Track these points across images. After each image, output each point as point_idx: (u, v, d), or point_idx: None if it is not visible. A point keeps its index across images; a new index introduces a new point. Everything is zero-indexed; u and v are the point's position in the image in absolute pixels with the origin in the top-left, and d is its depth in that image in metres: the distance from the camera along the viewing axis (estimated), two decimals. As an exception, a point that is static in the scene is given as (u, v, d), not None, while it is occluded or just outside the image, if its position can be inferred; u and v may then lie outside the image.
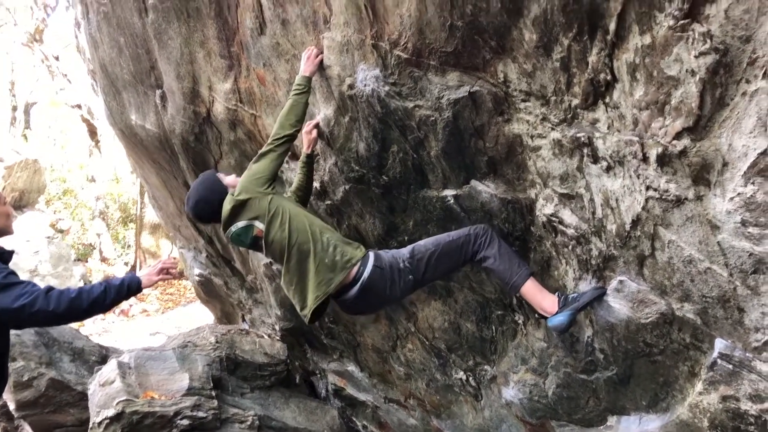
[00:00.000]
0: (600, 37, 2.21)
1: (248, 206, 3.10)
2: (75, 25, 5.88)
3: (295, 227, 3.08)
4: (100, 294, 2.73)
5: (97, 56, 5.32)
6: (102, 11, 4.73)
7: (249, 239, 3.18)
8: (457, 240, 3.08)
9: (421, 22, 2.68)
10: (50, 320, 2.67)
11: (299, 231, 3.07)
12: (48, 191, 18.25)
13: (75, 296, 2.65)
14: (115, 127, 6.05)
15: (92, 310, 2.74)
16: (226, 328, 5.79)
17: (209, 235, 6.14)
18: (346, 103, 3.32)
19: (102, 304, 2.75)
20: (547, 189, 2.79)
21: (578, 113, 2.46)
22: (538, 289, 2.96)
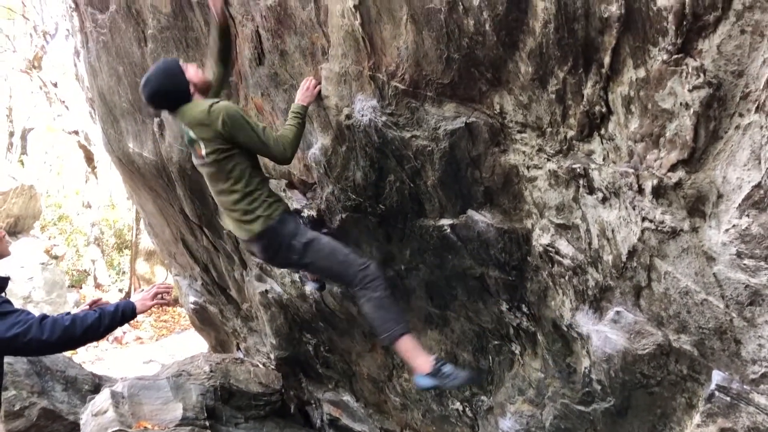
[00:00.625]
0: (595, 70, 2.24)
1: (209, 130, 3.09)
2: (74, 54, 5.94)
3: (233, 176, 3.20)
4: (94, 321, 2.72)
5: (96, 85, 5.36)
6: (101, 40, 4.77)
7: (188, 144, 3.29)
8: (350, 262, 3.29)
9: (418, 54, 2.71)
10: (43, 349, 2.66)
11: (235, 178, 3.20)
12: (43, 217, 18.20)
13: (69, 324, 2.64)
14: (112, 154, 6.07)
15: (86, 338, 2.73)
16: (220, 357, 5.75)
17: (205, 263, 6.13)
18: (344, 133, 3.34)
19: (96, 331, 2.75)
20: (543, 219, 2.80)
21: (574, 144, 2.48)
22: (413, 346, 3.18)
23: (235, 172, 3.20)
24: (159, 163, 5.10)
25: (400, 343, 3.17)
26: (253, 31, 3.49)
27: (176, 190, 5.23)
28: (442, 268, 3.46)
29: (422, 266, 3.57)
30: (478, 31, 2.44)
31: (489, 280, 3.29)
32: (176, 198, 5.40)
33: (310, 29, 3.17)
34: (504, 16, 2.33)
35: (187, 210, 5.38)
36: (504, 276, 3.17)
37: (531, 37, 2.32)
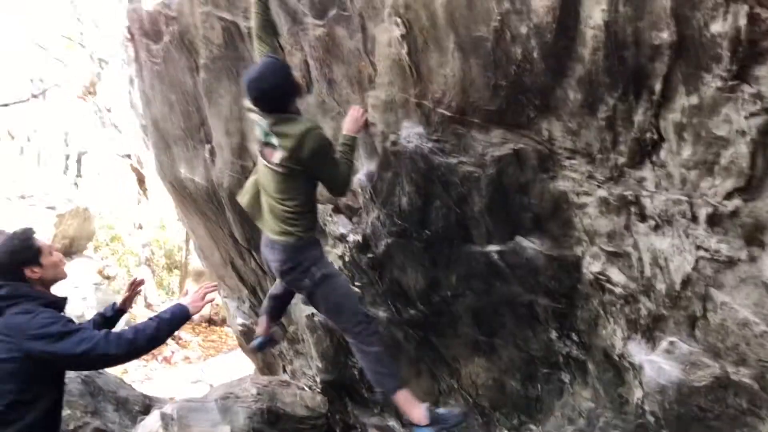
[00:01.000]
0: (646, 96, 2.21)
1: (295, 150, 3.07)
2: (129, 83, 6.14)
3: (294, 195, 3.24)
4: (154, 331, 2.81)
5: (149, 112, 5.52)
6: (155, 70, 4.92)
7: (264, 137, 3.20)
8: (357, 311, 3.46)
9: (464, 82, 2.72)
10: (111, 363, 2.81)
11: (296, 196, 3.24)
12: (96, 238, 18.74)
13: (132, 337, 2.73)
14: (165, 180, 6.23)
15: (149, 346, 2.84)
16: (267, 380, 5.79)
17: (253, 286, 6.20)
18: (390, 159, 3.37)
19: (157, 339, 2.85)
20: (594, 246, 2.76)
21: (625, 171, 2.44)
22: (408, 399, 3.38)
23: (295, 191, 3.24)
24: (210, 188, 5.21)
25: (396, 398, 3.39)
26: (302, 60, 3.56)
27: (226, 214, 5.33)
28: (490, 295, 3.43)
29: (469, 293, 3.54)
30: (525, 59, 2.44)
31: (538, 308, 3.24)
32: (226, 222, 5.50)
33: (358, 58, 3.22)
34: (552, 43, 2.32)
35: (236, 233, 5.47)
36: (553, 304, 3.12)
37: (580, 64, 2.31)
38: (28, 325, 2.57)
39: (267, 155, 3.21)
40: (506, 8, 2.36)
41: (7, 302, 2.64)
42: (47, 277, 2.79)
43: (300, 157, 3.08)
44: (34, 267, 2.73)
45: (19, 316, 2.60)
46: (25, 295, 2.67)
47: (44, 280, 2.78)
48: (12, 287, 2.67)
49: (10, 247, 2.73)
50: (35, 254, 2.75)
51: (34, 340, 2.55)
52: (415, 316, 4.01)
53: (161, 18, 4.52)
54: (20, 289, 2.68)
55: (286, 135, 3.08)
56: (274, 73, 3.08)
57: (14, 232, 2.82)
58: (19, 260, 2.71)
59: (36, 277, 2.74)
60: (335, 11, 3.17)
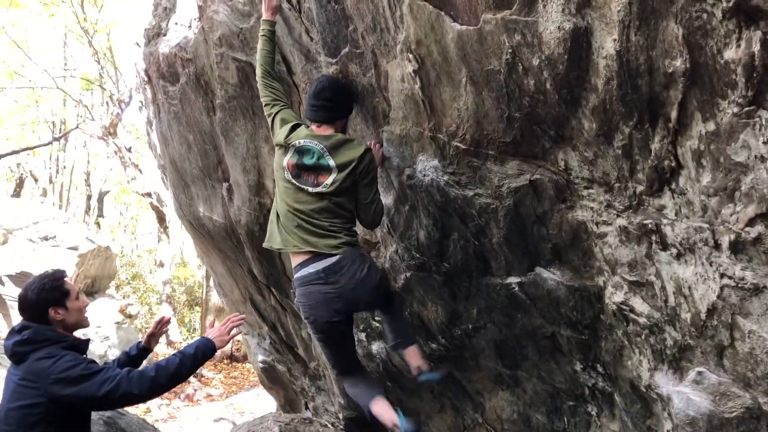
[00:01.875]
0: (662, 124, 2.19)
1: (353, 169, 3.16)
2: (147, 124, 6.23)
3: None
4: (177, 368, 2.82)
5: (167, 152, 5.59)
6: (173, 111, 5.00)
7: (310, 163, 3.18)
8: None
9: (478, 115, 2.72)
10: (134, 401, 2.79)
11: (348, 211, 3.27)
12: (118, 276, 18.88)
13: (154, 375, 2.74)
14: (183, 218, 6.28)
15: (172, 384, 2.84)
16: (289, 417, 5.73)
17: (273, 322, 6.19)
18: (406, 193, 3.37)
19: (180, 376, 2.85)
20: (615, 276, 2.72)
21: (644, 200, 2.41)
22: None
23: (342, 209, 3.23)
24: (228, 226, 5.24)
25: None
26: (316, 98, 3.59)
27: (245, 251, 5.35)
28: (512, 327, 3.39)
29: (490, 325, 3.50)
30: (539, 90, 2.44)
31: (561, 339, 3.19)
32: (245, 259, 5.51)
33: (371, 94, 3.24)
34: (565, 74, 2.32)
35: (255, 271, 5.48)
36: (576, 335, 3.08)
37: (593, 94, 2.30)
38: (51, 370, 2.59)
39: (313, 179, 3.19)
40: (517, 41, 2.37)
41: (31, 347, 2.65)
42: (70, 321, 2.81)
43: (356, 177, 3.16)
44: (59, 309, 2.76)
45: (42, 361, 2.61)
46: (48, 339, 2.69)
47: (66, 324, 2.80)
48: (34, 331, 2.69)
49: (40, 286, 2.76)
50: (63, 296, 2.78)
51: (57, 384, 2.57)
52: (437, 349, 3.97)
53: (177, 60, 4.60)
54: (43, 333, 2.70)
55: (344, 154, 3.15)
56: (339, 82, 3.31)
57: (46, 272, 2.86)
58: (47, 300, 2.74)
59: (59, 319, 2.76)
60: (348, 49, 3.20)
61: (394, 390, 4.77)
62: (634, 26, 2.05)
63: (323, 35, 3.29)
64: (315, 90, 3.25)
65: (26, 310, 2.75)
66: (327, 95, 3.23)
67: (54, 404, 2.59)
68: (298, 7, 3.38)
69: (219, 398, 13.74)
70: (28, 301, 2.75)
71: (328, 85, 3.25)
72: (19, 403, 2.60)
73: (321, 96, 3.23)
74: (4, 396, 2.69)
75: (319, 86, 3.25)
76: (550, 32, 2.26)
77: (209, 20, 4.08)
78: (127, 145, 16.92)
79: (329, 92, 3.23)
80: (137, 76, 5.83)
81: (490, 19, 2.40)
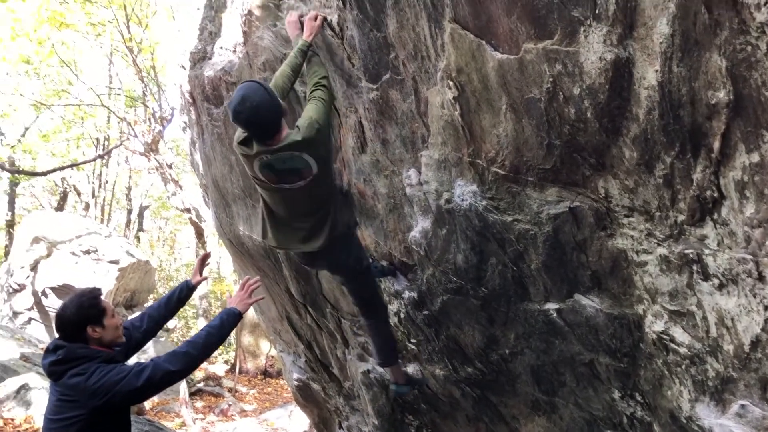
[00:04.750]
0: (704, 155, 2.18)
1: (318, 141, 3.21)
2: (190, 144, 6.38)
3: (331, 185, 3.51)
4: (206, 339, 2.94)
5: (210, 172, 5.71)
6: (216, 132, 5.12)
7: (288, 168, 3.23)
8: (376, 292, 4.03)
9: (518, 141, 2.74)
10: (174, 378, 2.86)
11: (331, 190, 3.50)
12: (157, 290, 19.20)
13: (186, 350, 2.87)
14: (223, 237, 6.39)
15: (205, 354, 2.96)
16: (323, 436, 5.75)
17: (308, 340, 6.24)
18: (444, 217, 3.39)
19: (211, 345, 2.96)
20: (655, 305, 2.69)
21: (685, 229, 2.39)
22: None
23: (330, 184, 3.47)
24: (266, 244, 5.31)
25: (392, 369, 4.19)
26: (356, 122, 3.65)
27: (283, 270, 5.42)
28: (549, 353, 3.37)
29: (528, 351, 3.49)
30: (579, 119, 2.45)
31: (599, 367, 3.16)
32: (282, 278, 5.58)
33: (411, 119, 3.28)
34: (606, 103, 2.33)
35: (292, 289, 5.54)
36: (615, 363, 3.05)
37: (635, 123, 2.30)
38: (86, 384, 2.67)
39: (291, 180, 3.29)
40: (558, 70, 2.39)
41: (66, 365, 2.73)
42: (107, 338, 2.89)
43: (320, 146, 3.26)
44: (96, 327, 2.83)
45: (77, 378, 2.70)
46: (82, 357, 2.76)
47: (103, 341, 2.87)
48: (68, 350, 2.77)
49: (78, 304, 2.84)
50: (100, 314, 2.86)
51: (95, 397, 2.66)
52: (473, 373, 3.96)
53: (222, 83, 4.71)
54: (77, 352, 2.77)
55: (306, 141, 3.17)
56: (259, 105, 3.05)
57: (83, 291, 2.94)
58: (86, 318, 2.82)
59: (96, 337, 2.84)
60: (389, 75, 3.26)
61: (429, 412, 4.76)
62: (677, 58, 2.05)
63: (365, 62, 3.35)
64: (232, 110, 3.08)
65: (64, 328, 2.83)
66: (256, 125, 3.14)
67: (95, 414, 2.67)
68: (341, 34, 3.45)
69: (252, 414, 13.83)
70: (66, 320, 2.83)
71: (248, 108, 3.03)
72: (59, 416, 2.71)
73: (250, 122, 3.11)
74: (47, 408, 2.80)
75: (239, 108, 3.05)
76: (592, 62, 2.28)
77: (254, 45, 4.18)
78: (168, 162, 17.27)
79: (256, 123, 3.12)
80: (182, 98, 5.98)
81: (531, 49, 2.43)
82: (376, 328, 4.02)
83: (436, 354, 4.16)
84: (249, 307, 3.22)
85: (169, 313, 3.46)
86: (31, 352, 10.77)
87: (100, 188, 24.57)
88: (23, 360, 10.25)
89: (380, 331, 4.03)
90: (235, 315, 3.09)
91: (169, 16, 18.02)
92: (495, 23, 2.53)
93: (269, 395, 15.63)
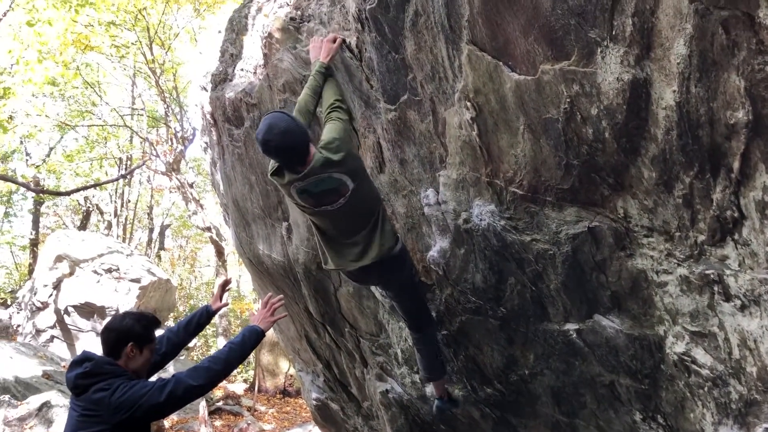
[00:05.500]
0: (723, 175, 2.17)
1: (347, 160, 3.19)
2: (211, 164, 6.45)
3: (374, 194, 3.44)
4: (228, 354, 2.97)
5: (230, 192, 5.77)
6: (236, 153, 5.18)
7: (324, 190, 3.22)
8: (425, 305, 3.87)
9: (536, 161, 2.75)
10: (196, 393, 2.87)
11: (376, 197, 3.45)
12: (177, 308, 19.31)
13: (208, 365, 2.89)
14: (243, 256, 6.44)
15: (227, 370, 2.97)
16: (342, 456, 5.72)
17: (327, 360, 6.23)
18: (462, 236, 3.39)
19: (233, 361, 2.98)
20: (676, 326, 2.66)
21: (705, 249, 2.38)
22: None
23: (372, 193, 3.43)
24: (286, 264, 5.34)
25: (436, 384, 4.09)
26: (375, 142, 3.68)
27: (302, 289, 5.43)
28: (569, 374, 3.34)
29: (547, 371, 3.46)
30: (597, 139, 2.45)
31: (620, 388, 3.13)
32: (301, 297, 5.60)
33: (429, 140, 3.30)
34: (624, 124, 2.33)
35: (311, 308, 5.55)
36: (636, 384, 3.01)
37: (653, 143, 2.30)
38: (109, 400, 2.69)
39: (331, 201, 3.26)
40: (576, 91, 2.40)
41: (92, 379, 2.76)
42: (136, 364, 2.91)
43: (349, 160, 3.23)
44: (136, 347, 2.87)
45: (100, 393, 2.72)
46: (107, 372, 2.79)
47: (130, 365, 2.89)
48: (95, 363, 2.80)
49: (139, 317, 2.95)
50: (147, 339, 2.93)
51: (118, 412, 2.68)
52: (492, 394, 3.93)
53: (242, 105, 4.78)
54: (103, 366, 2.80)
55: (335, 160, 3.16)
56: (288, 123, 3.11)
57: (146, 313, 3.05)
58: (135, 334, 2.88)
59: (130, 357, 2.87)
60: (407, 96, 3.28)
61: (448, 433, 4.72)
62: (695, 78, 2.06)
63: (383, 83, 3.38)
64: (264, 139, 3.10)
65: (110, 332, 2.87)
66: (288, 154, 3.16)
67: (118, 429, 2.70)
68: (359, 56, 3.49)
69: (272, 433, 13.80)
70: (118, 325, 2.88)
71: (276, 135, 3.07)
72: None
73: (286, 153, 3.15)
74: (67, 425, 2.81)
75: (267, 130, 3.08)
76: (609, 83, 2.29)
77: (274, 67, 4.24)
78: (190, 181, 17.46)
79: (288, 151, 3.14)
80: (203, 119, 6.06)
81: (548, 70, 2.45)
82: (425, 342, 3.89)
83: (454, 374, 4.14)
84: (272, 325, 3.24)
85: (188, 336, 3.49)
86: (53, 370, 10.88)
87: (123, 207, 24.88)
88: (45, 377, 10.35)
89: (428, 345, 3.90)
90: (257, 333, 3.11)
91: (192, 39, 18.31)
92: (512, 45, 2.55)
93: (288, 414, 15.60)
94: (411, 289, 3.74)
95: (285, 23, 4.06)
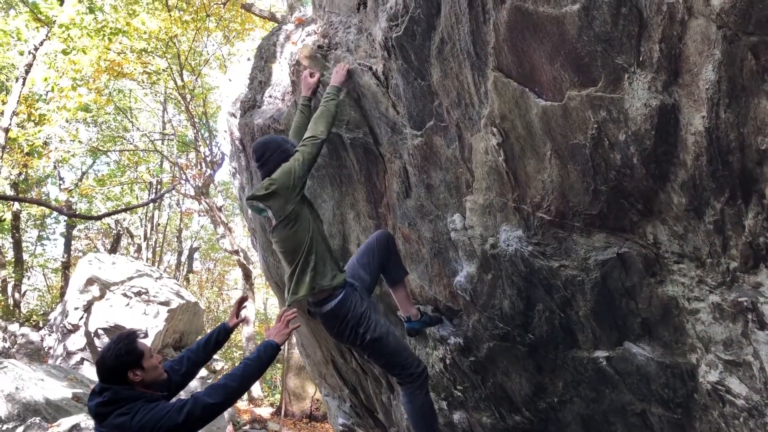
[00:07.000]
0: (756, 200, 2.14)
1: (274, 198, 3.37)
2: (240, 189, 6.52)
3: (298, 237, 3.41)
4: (244, 370, 2.97)
5: (257, 217, 5.81)
6: (264, 178, 5.22)
7: (261, 215, 3.56)
8: (409, 355, 3.53)
9: (563, 187, 2.73)
10: (216, 411, 2.87)
11: (298, 241, 3.41)
12: (204, 331, 19.40)
13: (225, 383, 2.89)
14: (270, 280, 6.47)
15: (245, 386, 2.97)
16: (368, 483, 5.66)
17: (353, 385, 6.21)
18: (489, 262, 3.37)
19: (250, 377, 2.99)
20: (709, 354, 2.61)
21: (738, 276, 2.33)
22: None
23: (296, 236, 3.48)
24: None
25: None
26: (401, 168, 3.69)
27: (327, 313, 5.43)
28: (599, 402, 3.28)
29: (577, 399, 3.40)
30: (625, 165, 2.44)
31: (652, 417, 3.07)
32: (327, 321, 5.59)
33: (455, 165, 3.31)
34: (652, 149, 2.32)
35: (337, 333, 5.54)
36: (668, 414, 2.95)
37: (682, 169, 2.28)
38: (130, 424, 2.71)
39: (270, 228, 3.54)
40: (603, 117, 2.39)
41: (112, 407, 2.78)
42: (148, 379, 2.93)
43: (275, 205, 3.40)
44: (136, 370, 2.88)
45: (121, 417, 2.74)
46: (127, 398, 2.81)
47: (145, 382, 2.92)
48: (114, 392, 2.81)
49: (116, 351, 2.89)
50: (138, 358, 2.91)
51: None
52: (521, 422, 3.88)
53: (270, 131, 4.83)
54: (122, 393, 2.82)
55: (259, 197, 3.42)
56: (273, 138, 3.67)
57: (119, 337, 2.98)
58: (125, 364, 2.87)
59: (138, 380, 2.88)
60: (433, 122, 3.30)
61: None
62: (724, 104, 2.04)
63: (409, 109, 3.41)
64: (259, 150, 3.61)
65: (106, 377, 2.89)
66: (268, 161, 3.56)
67: None
68: (386, 83, 3.52)
69: (298, 457, 13.70)
70: (107, 368, 2.88)
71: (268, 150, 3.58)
72: None
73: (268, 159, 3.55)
74: None
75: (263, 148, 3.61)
76: (637, 109, 2.28)
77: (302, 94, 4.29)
78: (218, 205, 17.65)
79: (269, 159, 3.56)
80: (232, 145, 6.14)
81: (575, 96, 2.44)
82: (409, 397, 3.53)
83: (482, 401, 4.09)
84: (287, 338, 3.24)
85: (207, 355, 3.51)
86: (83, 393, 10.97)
87: (152, 231, 25.20)
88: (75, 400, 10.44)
89: (413, 403, 3.52)
90: (272, 347, 3.12)
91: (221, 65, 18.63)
92: (538, 71, 2.56)
93: (315, 439, 15.50)
94: (375, 343, 3.45)
95: (312, 51, 4.11)
